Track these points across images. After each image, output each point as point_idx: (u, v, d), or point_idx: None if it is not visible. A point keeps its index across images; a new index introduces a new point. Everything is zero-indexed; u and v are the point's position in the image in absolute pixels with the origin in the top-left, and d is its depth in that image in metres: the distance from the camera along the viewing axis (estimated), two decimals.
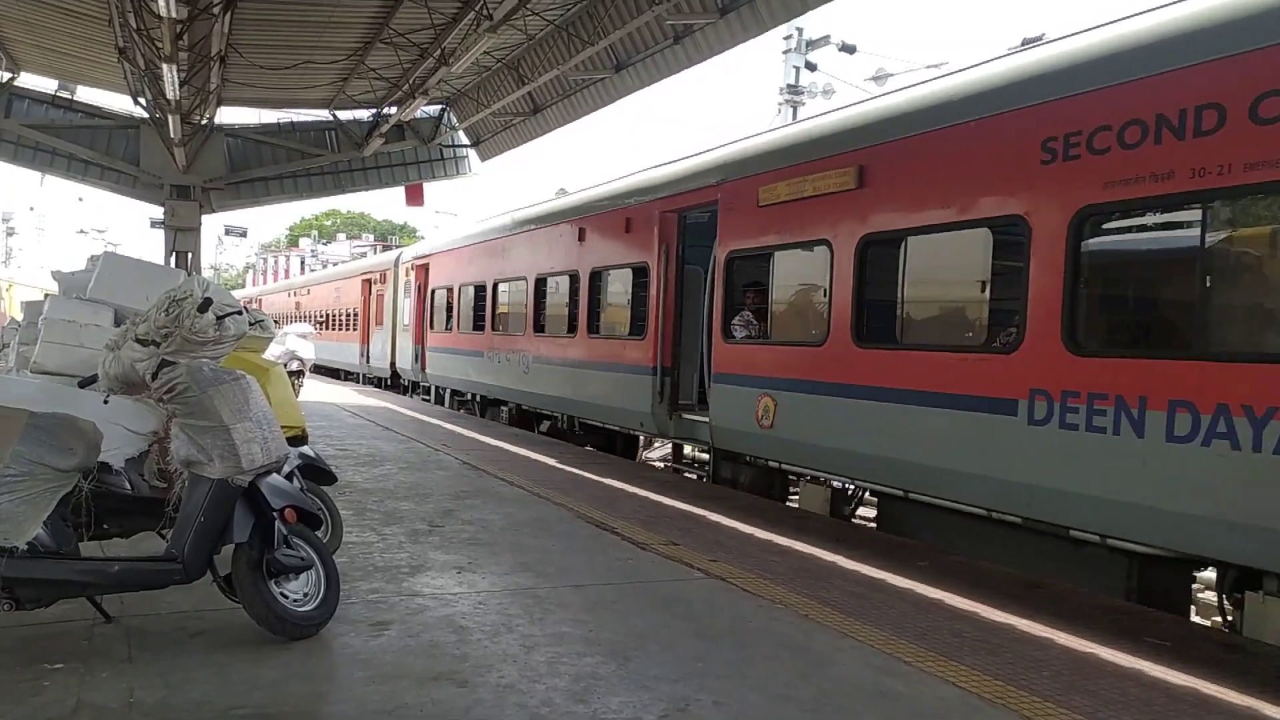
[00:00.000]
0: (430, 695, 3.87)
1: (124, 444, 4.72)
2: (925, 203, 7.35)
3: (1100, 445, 5.91)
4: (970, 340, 7.27)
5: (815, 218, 8.57)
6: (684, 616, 5.13)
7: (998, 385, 6.62)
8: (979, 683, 4.28)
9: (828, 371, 8.33)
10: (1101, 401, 5.94)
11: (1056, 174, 6.29)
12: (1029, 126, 6.52)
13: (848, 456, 8.13)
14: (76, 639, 4.35)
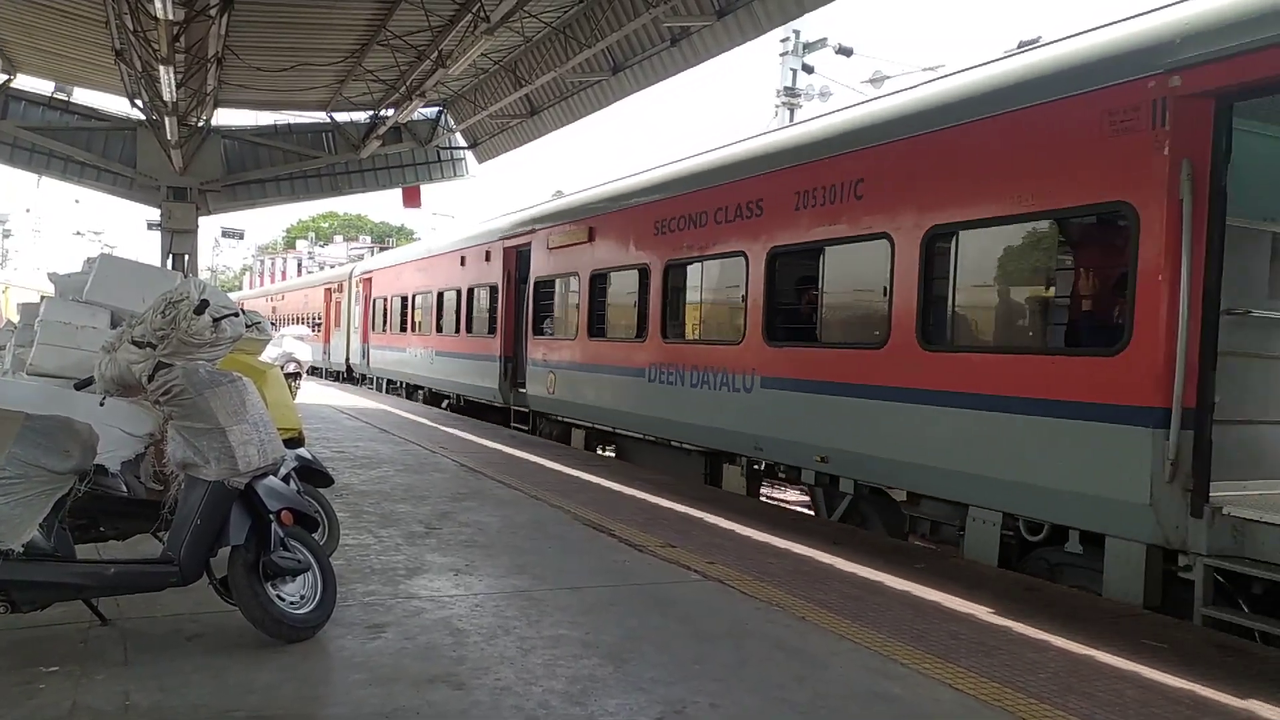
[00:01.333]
0: (426, 698, 3.87)
1: (120, 446, 4.71)
2: (617, 253, 12.37)
3: (673, 393, 10.77)
4: (633, 335, 11.83)
5: (571, 258, 13.55)
6: (681, 619, 5.13)
7: (641, 360, 11.54)
8: (976, 685, 4.28)
9: (578, 355, 13.32)
10: (673, 369, 10.88)
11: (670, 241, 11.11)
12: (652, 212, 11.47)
13: (592, 410, 12.99)
14: (72, 642, 4.34)
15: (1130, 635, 5.23)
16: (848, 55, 21.98)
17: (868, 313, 8.10)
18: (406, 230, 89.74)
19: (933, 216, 7.26)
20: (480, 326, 17.26)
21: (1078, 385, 6.12)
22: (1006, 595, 5.94)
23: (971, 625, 5.24)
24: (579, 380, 13.20)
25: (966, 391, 6.93)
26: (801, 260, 8.92)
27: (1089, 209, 6.23)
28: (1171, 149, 5.56)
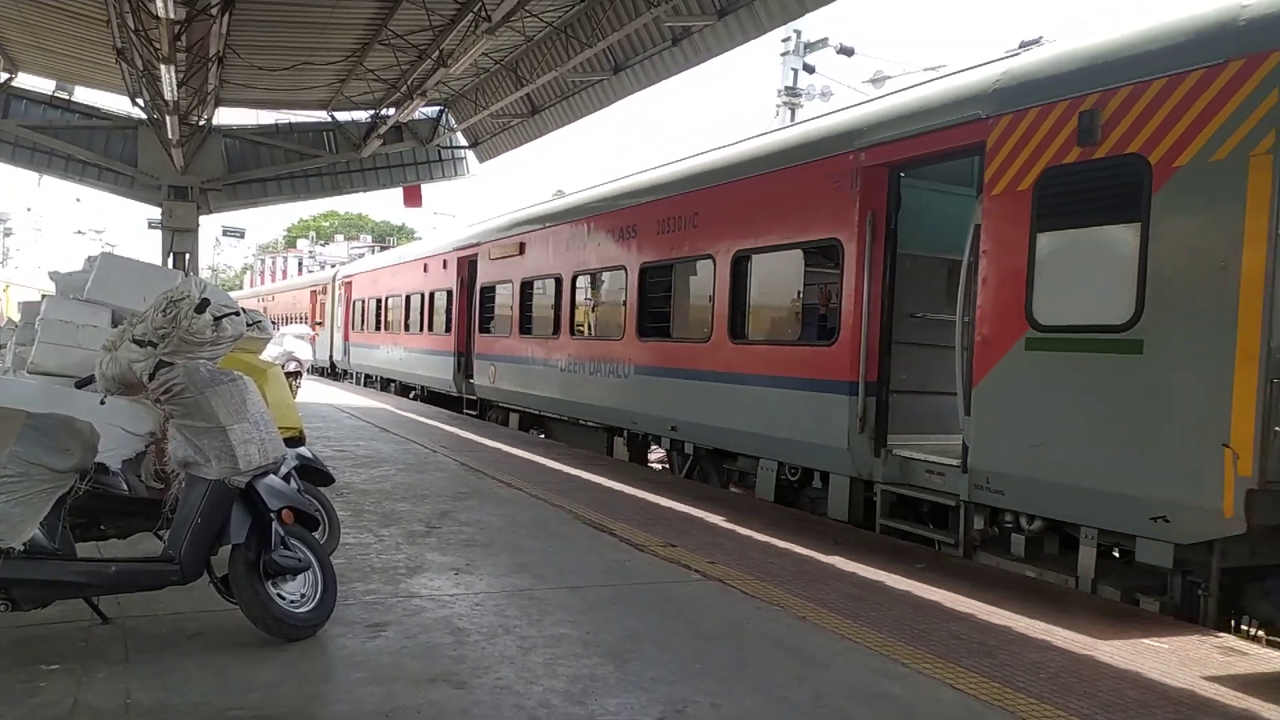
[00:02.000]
0: (427, 696, 3.87)
1: (121, 445, 4.72)
2: (540, 264, 14.58)
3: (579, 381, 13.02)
4: (550, 333, 14.08)
5: (508, 268, 15.90)
6: (681, 618, 5.13)
7: (556, 354, 13.87)
8: (976, 684, 4.28)
9: (512, 350, 15.64)
10: (578, 361, 13.09)
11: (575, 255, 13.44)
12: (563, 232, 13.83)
13: (524, 396, 15.29)
14: (73, 640, 4.34)
15: (1131, 635, 5.23)
16: (849, 55, 21.98)
17: (700, 315, 10.45)
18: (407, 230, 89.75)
19: (737, 244, 9.66)
20: (439, 326, 19.71)
21: (814, 368, 8.55)
22: (1007, 595, 5.94)
23: (972, 625, 5.24)
24: (513, 371, 15.71)
25: (755, 374, 9.36)
26: (661, 273, 11.32)
27: (819, 242, 8.60)
28: (861, 203, 8.00)
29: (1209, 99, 5.57)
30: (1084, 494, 6.18)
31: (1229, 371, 5.44)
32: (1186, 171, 5.70)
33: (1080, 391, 6.25)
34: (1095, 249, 6.31)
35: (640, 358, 11.49)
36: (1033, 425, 6.51)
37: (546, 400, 14.39)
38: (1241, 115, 5.42)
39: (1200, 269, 5.64)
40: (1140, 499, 5.82)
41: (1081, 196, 6.33)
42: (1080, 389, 6.26)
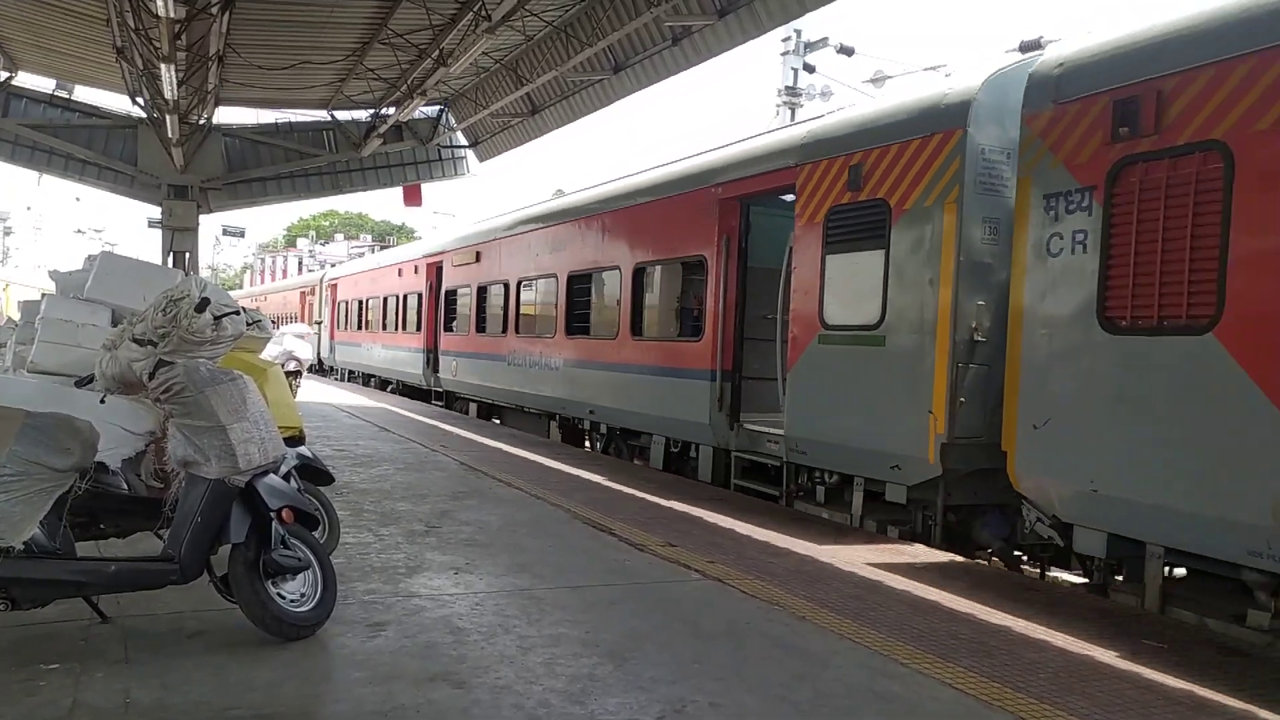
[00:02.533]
0: (427, 696, 3.87)
1: (121, 444, 4.72)
2: (492, 271, 16.77)
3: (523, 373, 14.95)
4: (500, 331, 16.18)
5: (467, 274, 18.05)
6: (681, 618, 5.14)
7: (505, 350, 15.87)
8: (976, 684, 4.29)
9: (470, 347, 17.74)
10: (521, 356, 15.04)
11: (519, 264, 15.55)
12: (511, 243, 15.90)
13: (479, 388, 17.50)
14: (73, 639, 4.35)
15: (1130, 635, 5.23)
16: (849, 55, 21.98)
17: (611, 316, 12.48)
18: (407, 229, 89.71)
19: (636, 257, 11.91)
20: (411, 325, 21.90)
21: (687, 360, 10.65)
22: (1006, 595, 5.95)
23: (971, 625, 5.25)
24: (471, 366, 17.82)
25: (648, 364, 11.52)
26: (583, 281, 13.36)
27: (693, 258, 10.70)
28: (720, 227, 10.10)
29: (924, 160, 7.60)
30: (853, 452, 8.28)
31: (932, 359, 7.40)
32: (910, 211, 7.71)
33: (849, 375, 8.29)
34: (859, 268, 8.25)
35: (567, 353, 13.68)
36: (822, 401, 8.60)
37: (498, 391, 16.64)
38: (941, 173, 7.45)
39: (918, 283, 7.59)
40: (885, 453, 7.83)
41: (851, 228, 8.35)
42: (849, 373, 8.30)
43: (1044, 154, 6.51)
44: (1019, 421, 6.57)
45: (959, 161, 7.31)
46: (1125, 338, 5.90)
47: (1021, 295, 6.63)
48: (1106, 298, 6.01)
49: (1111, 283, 5.99)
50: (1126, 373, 5.91)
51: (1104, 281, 6.02)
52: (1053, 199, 6.42)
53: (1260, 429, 5.11)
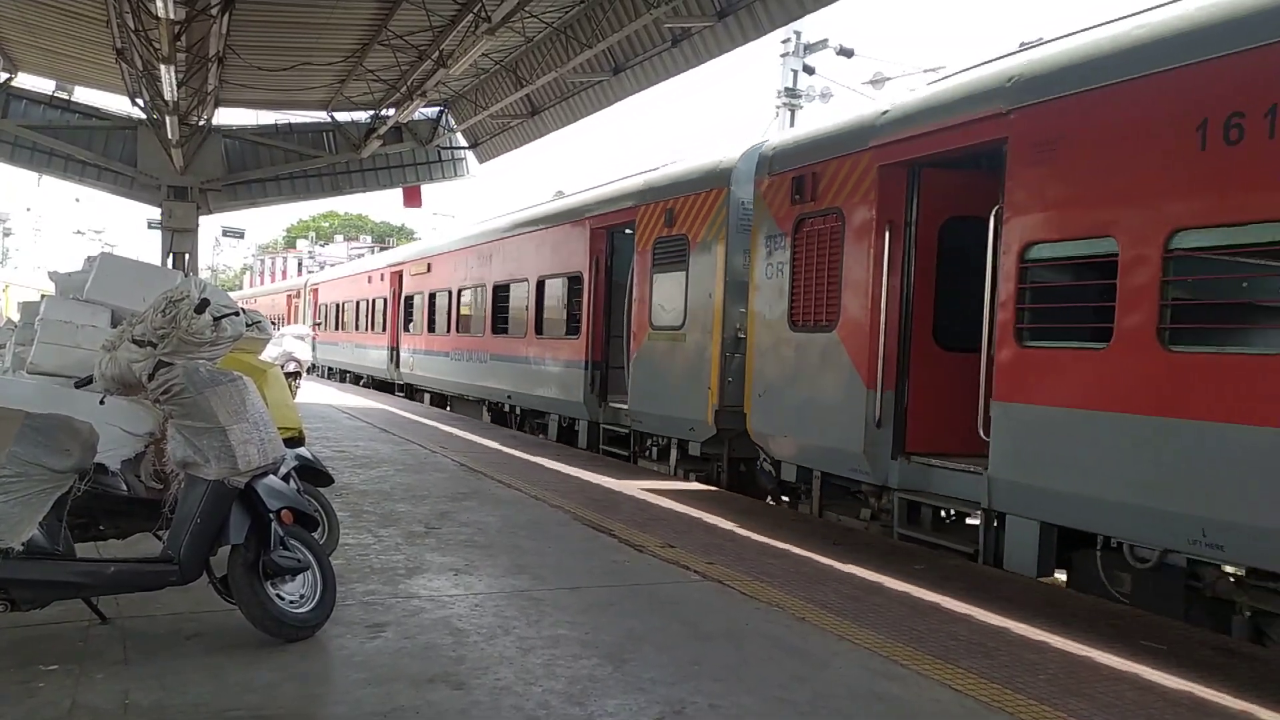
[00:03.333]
0: (426, 697, 3.87)
1: (120, 445, 4.72)
2: (440, 281, 19.83)
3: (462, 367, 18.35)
4: (445, 331, 19.02)
5: (421, 282, 21.29)
6: (680, 619, 5.14)
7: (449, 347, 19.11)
8: (975, 686, 4.29)
9: (422, 345, 20.65)
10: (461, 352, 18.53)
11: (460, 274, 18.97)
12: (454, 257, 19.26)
13: (429, 380, 20.60)
14: (72, 640, 4.34)
15: (1129, 636, 5.23)
16: (849, 56, 22.00)
17: (521, 318, 15.58)
18: (407, 230, 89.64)
19: (539, 271, 14.96)
20: (378, 326, 25.27)
21: (570, 353, 13.63)
22: (1005, 596, 5.94)
23: (971, 626, 5.25)
24: (424, 361, 21.16)
25: (545, 357, 14.55)
26: (504, 290, 16.59)
27: (574, 273, 13.65)
28: (590, 250, 13.15)
29: (707, 207, 10.61)
30: (669, 420, 11.26)
31: (710, 350, 10.36)
32: (700, 243, 10.68)
33: (666, 363, 11.24)
34: (671, 283, 11.17)
35: (493, 349, 16.89)
36: (651, 383, 11.56)
37: (445, 382, 19.98)
38: (716, 216, 10.41)
39: (703, 295, 10.53)
40: (686, 420, 10.80)
41: (667, 254, 11.29)
42: (665, 362, 11.25)
43: (765, 209, 9.35)
44: (751, 392, 9.42)
45: (725, 210, 10.28)
46: (800, 334, 8.73)
47: (754, 305, 9.52)
48: (793, 307, 8.80)
49: (795, 297, 8.79)
50: (800, 357, 8.78)
51: (792, 296, 8.81)
52: (769, 239, 9.23)
53: (854, 390, 7.97)
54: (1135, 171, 5.78)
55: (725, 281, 10.20)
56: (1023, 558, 6.58)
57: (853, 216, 8.10)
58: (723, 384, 10.15)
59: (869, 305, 7.86)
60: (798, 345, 8.73)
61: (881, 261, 7.79)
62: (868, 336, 7.85)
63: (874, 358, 7.79)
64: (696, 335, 10.60)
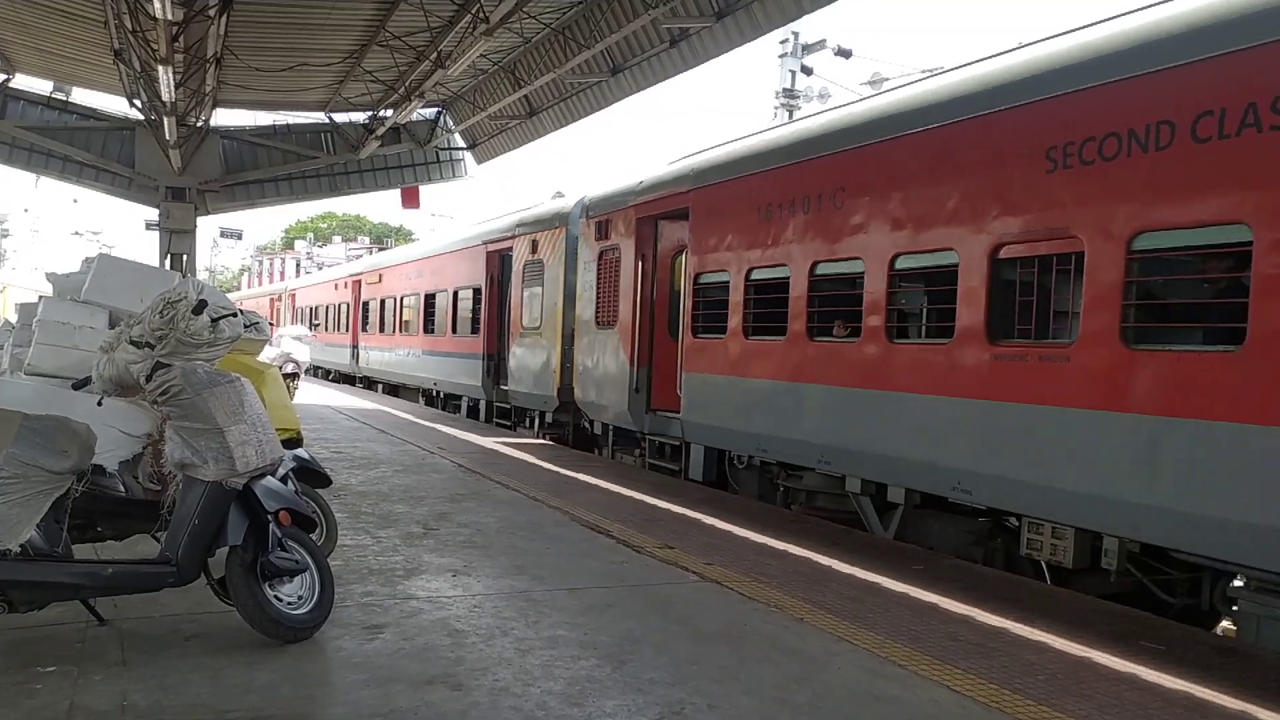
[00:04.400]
0: (425, 699, 3.87)
1: (118, 446, 4.71)
2: (390, 289, 23.97)
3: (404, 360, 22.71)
4: (395, 332, 23.33)
5: (374, 290, 25.40)
6: (679, 620, 5.14)
7: (397, 344, 23.20)
8: (974, 686, 4.29)
9: (375, 342, 25.13)
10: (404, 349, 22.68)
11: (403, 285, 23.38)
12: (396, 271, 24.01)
13: (381, 372, 24.84)
14: (70, 642, 4.34)
15: (1128, 637, 5.24)
16: (847, 57, 22.01)
17: (444, 320, 19.44)
18: (405, 231, 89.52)
19: (454, 285, 19.01)
20: (343, 327, 29.01)
21: (472, 347, 17.69)
22: (1004, 597, 5.95)
23: (969, 627, 5.25)
24: (378, 357, 25.10)
25: (457, 352, 18.55)
26: (431, 298, 20.54)
27: (477, 286, 17.63)
28: (487, 269, 17.23)
29: (555, 240, 14.30)
30: (532, 396, 15.06)
31: (556, 344, 13.97)
32: (550, 266, 14.37)
33: (530, 355, 15.10)
34: (534, 295, 14.89)
35: (424, 346, 20.94)
36: (521, 370, 15.48)
37: (392, 374, 23.93)
38: (560, 247, 14.07)
39: (553, 304, 14.20)
40: (542, 395, 14.59)
41: (532, 274, 15.06)
42: (530, 354, 15.11)
43: (583, 243, 13.25)
44: (577, 373, 13.27)
45: (564, 242, 14.02)
46: (600, 330, 12.54)
47: (577, 310, 13.36)
48: (597, 311, 12.71)
49: (598, 305, 12.69)
50: (600, 346, 12.54)
51: (597, 304, 12.71)
52: (585, 264, 13.09)
53: (624, 368, 11.80)
54: (738, 232, 9.63)
55: (564, 294, 13.95)
56: (697, 471, 10.66)
57: (626, 251, 12.00)
58: (563, 369, 13.91)
59: (633, 309, 11.79)
60: (599, 338, 12.64)
61: (637, 280, 11.72)
62: (631, 330, 11.78)
63: (634, 345, 11.73)
64: (548, 334, 14.50)
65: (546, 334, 14.42)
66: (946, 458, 7.04)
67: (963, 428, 6.93)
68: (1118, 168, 5.93)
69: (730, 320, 9.68)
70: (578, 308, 13.24)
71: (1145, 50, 5.90)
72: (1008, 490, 6.62)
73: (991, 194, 6.79)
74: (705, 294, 10.24)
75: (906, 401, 7.45)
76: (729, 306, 9.67)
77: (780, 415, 8.91)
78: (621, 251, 12.00)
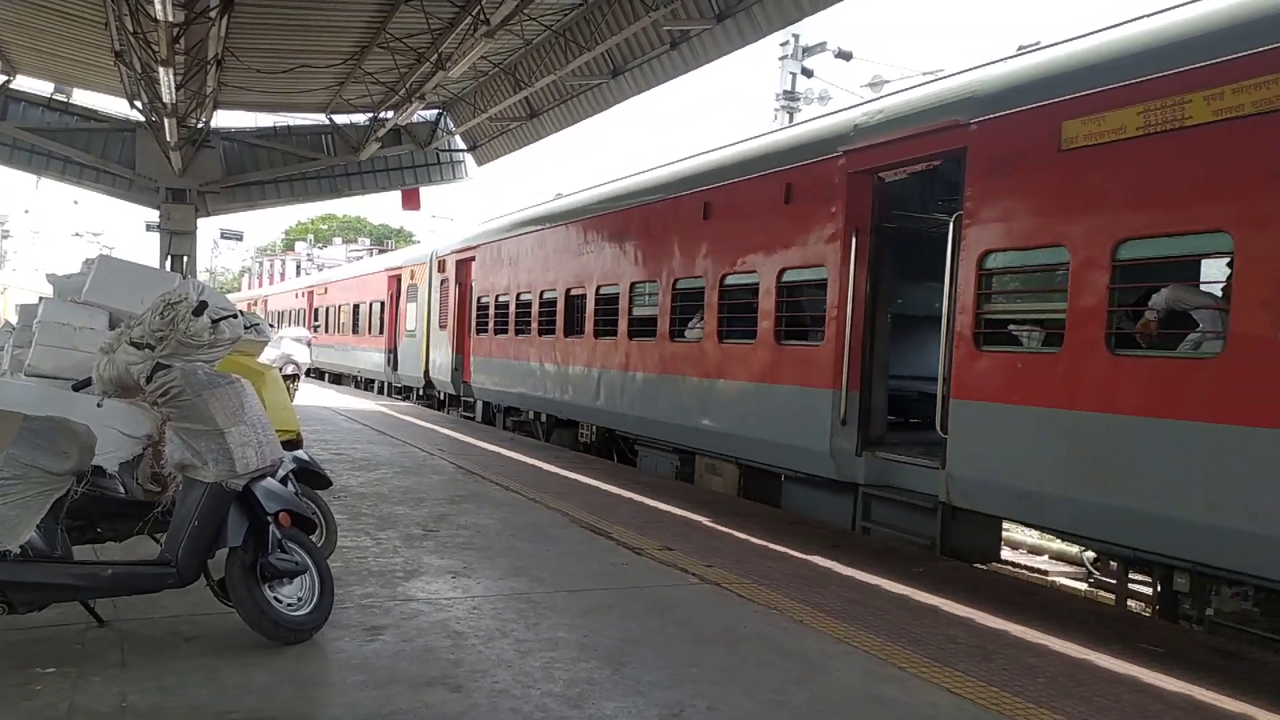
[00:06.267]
0: (424, 700, 3.87)
1: (118, 447, 4.72)
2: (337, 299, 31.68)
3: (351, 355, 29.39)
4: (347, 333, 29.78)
5: (326, 299, 33.41)
6: (678, 622, 5.13)
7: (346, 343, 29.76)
8: (973, 689, 4.29)
9: (328, 342, 30.68)
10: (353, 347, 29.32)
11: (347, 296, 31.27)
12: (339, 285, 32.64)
13: (331, 365, 31.23)
14: (69, 643, 4.34)
15: (1127, 639, 5.23)
16: (847, 59, 22.03)
17: (364, 325, 27.05)
18: (405, 233, 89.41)
19: (373, 296, 26.23)
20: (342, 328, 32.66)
21: (378, 345, 25.53)
22: (1004, 599, 5.95)
23: (969, 629, 5.25)
24: (325, 353, 29.36)
25: (371, 348, 26.28)
26: (356, 308, 27.98)
27: (381, 300, 25.42)
28: (389, 287, 24.58)
29: (422, 271, 21.51)
30: (411, 377, 22.40)
31: (424, 342, 21.27)
32: (421, 288, 21.68)
33: (413, 351, 21.97)
34: (413, 309, 22.08)
35: (353, 343, 27.93)
36: (404, 361, 22.81)
37: (335, 366, 30.43)
38: (425, 276, 21.34)
39: (423, 315, 21.29)
40: (415, 377, 21.94)
41: (411, 295, 22.23)
42: (413, 350, 21.97)
43: (434, 274, 20.27)
44: (432, 361, 20.39)
45: (428, 273, 20.56)
46: (441, 332, 19.74)
47: (430, 318, 20.46)
48: (440, 319, 19.89)
49: (441, 315, 19.70)
50: (441, 343, 19.68)
51: (440, 314, 19.82)
52: (434, 289, 20.27)
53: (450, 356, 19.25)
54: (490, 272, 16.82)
55: (428, 308, 20.76)
56: (479, 415, 17.83)
57: (450, 281, 19.35)
58: (428, 361, 20.90)
59: (457, 316, 18.75)
60: (441, 337, 19.75)
61: (456, 300, 18.71)
62: (454, 331, 18.92)
63: (455, 340, 18.89)
64: (419, 335, 21.45)
65: (419, 335, 21.61)
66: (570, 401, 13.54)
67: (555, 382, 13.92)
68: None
69: (491, 325, 16.57)
70: (432, 317, 20.46)
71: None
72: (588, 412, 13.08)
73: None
74: (480, 309, 17.21)
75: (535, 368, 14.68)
76: (490, 316, 16.61)
77: (512, 381, 15.66)
78: (449, 281, 19.44)
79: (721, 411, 9.71)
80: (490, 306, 16.38)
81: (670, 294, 10.71)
